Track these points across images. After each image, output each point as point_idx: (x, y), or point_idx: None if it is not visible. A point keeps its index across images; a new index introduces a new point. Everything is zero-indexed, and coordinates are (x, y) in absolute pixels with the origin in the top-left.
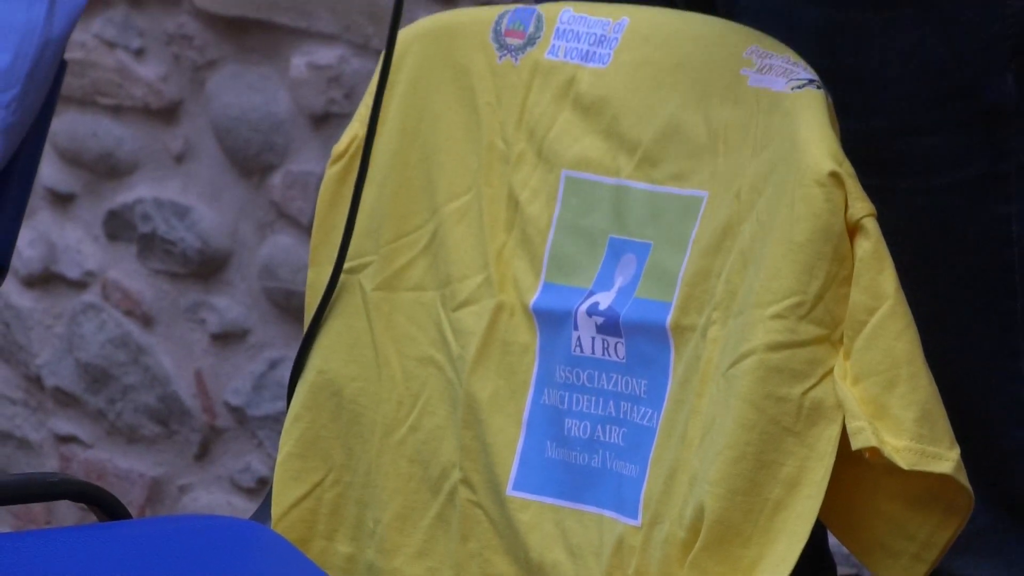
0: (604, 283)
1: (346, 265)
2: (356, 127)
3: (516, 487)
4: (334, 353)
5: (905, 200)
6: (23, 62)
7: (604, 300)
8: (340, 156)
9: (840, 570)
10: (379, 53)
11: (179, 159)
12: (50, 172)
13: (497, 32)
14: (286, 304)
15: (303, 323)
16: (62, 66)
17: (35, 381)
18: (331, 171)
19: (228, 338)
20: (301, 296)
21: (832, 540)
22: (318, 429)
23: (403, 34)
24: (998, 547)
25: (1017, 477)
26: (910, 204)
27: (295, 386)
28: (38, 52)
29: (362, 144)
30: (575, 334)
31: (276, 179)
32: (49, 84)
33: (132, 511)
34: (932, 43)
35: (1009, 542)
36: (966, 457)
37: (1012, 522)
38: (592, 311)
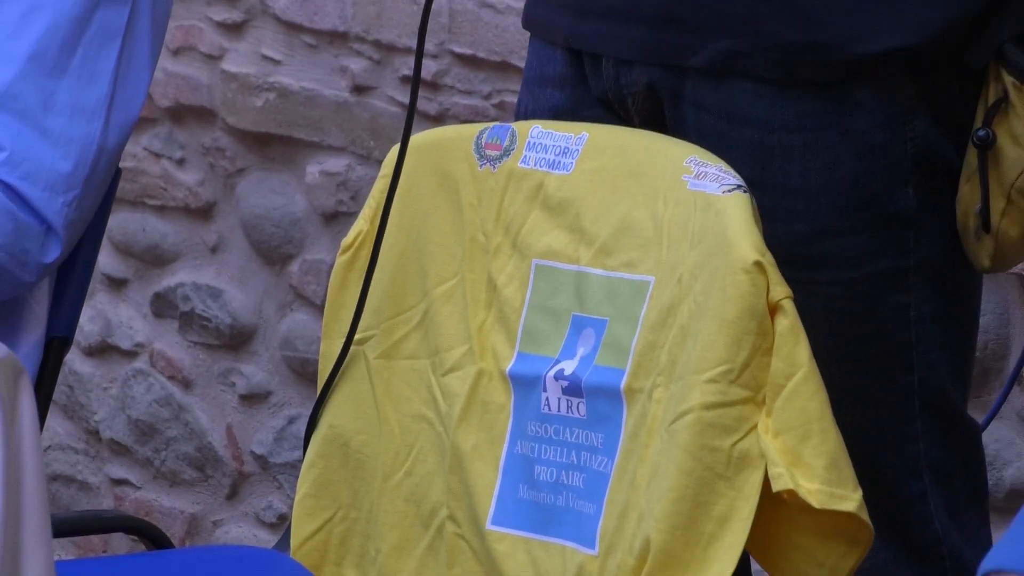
0: (568, 353)
1: (352, 340)
2: (361, 224)
3: (494, 522)
4: (342, 411)
5: (823, 291)
6: (83, 169)
7: (568, 367)
8: (348, 248)
9: None
10: (379, 163)
11: (213, 250)
12: (106, 261)
13: (478, 145)
14: (302, 370)
15: (316, 386)
16: (117, 173)
17: (94, 434)
18: (340, 260)
19: (253, 398)
20: (315, 363)
21: (755, 566)
22: (329, 474)
23: (412, 145)
24: None
25: (913, 520)
26: (827, 294)
27: (310, 438)
28: (95, 160)
29: (366, 238)
30: (544, 395)
31: (294, 267)
32: (105, 187)
33: (174, 542)
34: (846, 161)
35: (904, 574)
36: (870, 502)
37: (909, 558)
38: (558, 376)
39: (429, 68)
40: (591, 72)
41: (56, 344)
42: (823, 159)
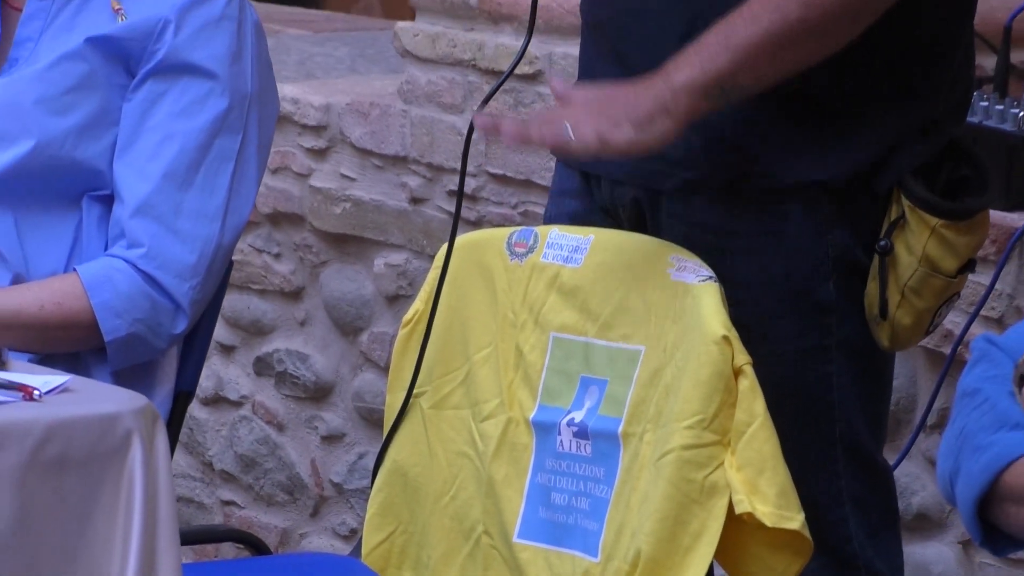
0: (578, 405)
1: (411, 394)
2: (417, 304)
3: (520, 536)
4: (403, 449)
5: (765, 361)
6: (204, 261)
7: (578, 416)
8: (407, 323)
9: None
10: (431, 258)
11: (302, 324)
12: (220, 331)
13: (509, 244)
14: (369, 417)
15: (381, 429)
16: (229, 264)
17: (208, 465)
18: (401, 333)
19: (332, 439)
20: (380, 412)
21: (719, 570)
22: (392, 498)
23: (456, 244)
24: None
25: (837, 539)
26: (767, 365)
27: (378, 470)
28: (214, 254)
29: (421, 316)
30: (559, 438)
31: (364, 337)
32: (221, 275)
33: (270, 550)
34: (780, 261)
35: None
36: (807, 522)
37: (833, 568)
38: (570, 423)
39: (469, 184)
40: (595, 188)
41: (183, 396)
42: (762, 259)
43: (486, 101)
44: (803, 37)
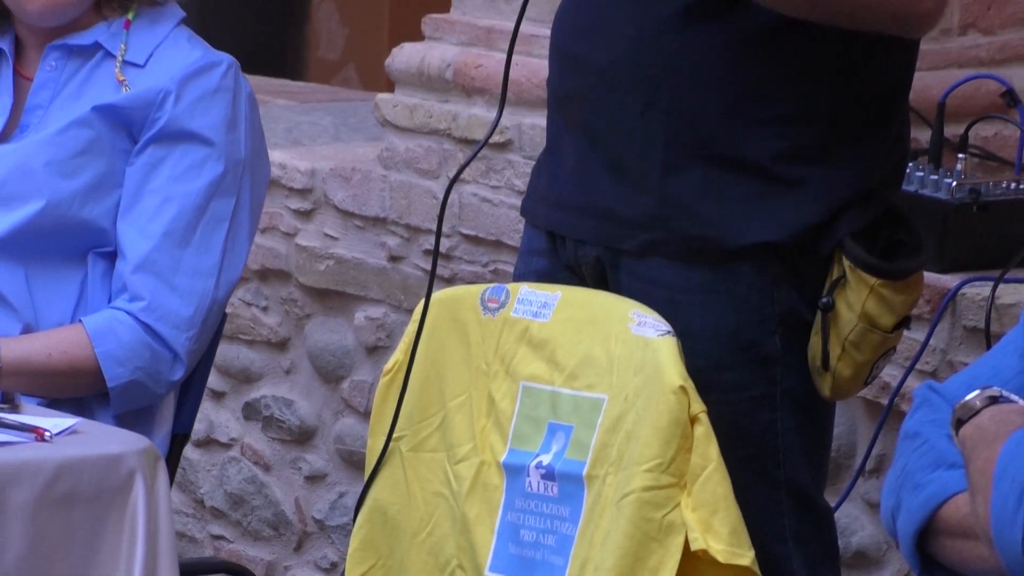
0: (545, 449)
1: (391, 437)
2: (397, 355)
3: (491, 569)
4: (383, 489)
5: (716, 408)
6: (200, 314)
7: (545, 459)
8: (388, 372)
9: None
10: (409, 312)
11: (287, 372)
12: (211, 379)
13: (482, 299)
14: (350, 459)
15: (361, 470)
16: (224, 316)
17: (200, 502)
18: (382, 381)
19: (315, 479)
20: (360, 454)
21: None
22: (373, 534)
23: (432, 299)
24: None
25: (782, 572)
26: (717, 412)
27: (360, 508)
28: (209, 308)
29: (400, 366)
30: (528, 479)
31: (345, 385)
32: (215, 327)
33: None
34: (730, 316)
35: None
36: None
37: None
38: (538, 466)
39: (444, 244)
40: (560, 248)
41: (179, 438)
42: (714, 314)
43: (460, 172)
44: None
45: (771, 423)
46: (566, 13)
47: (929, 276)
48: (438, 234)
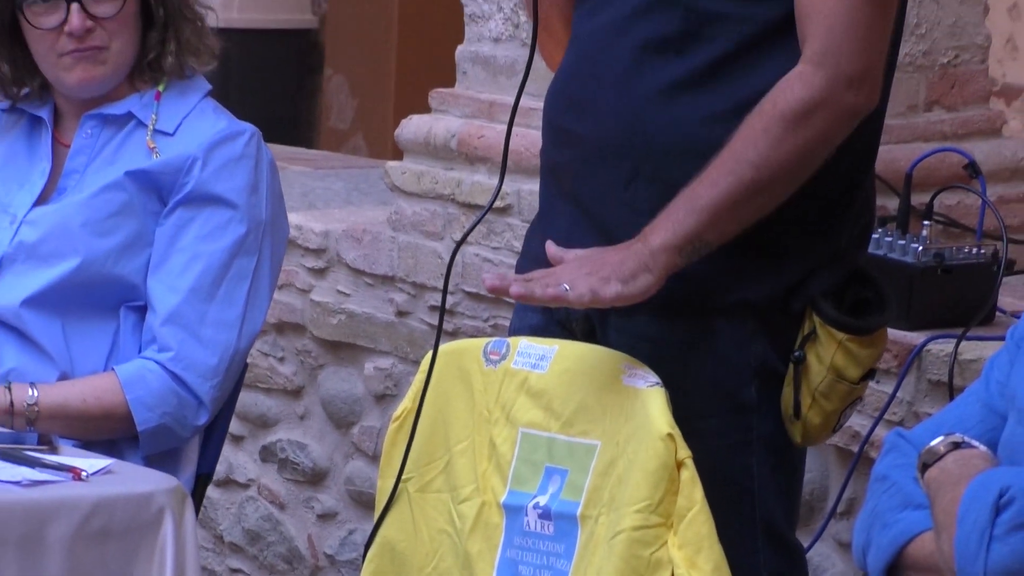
0: (542, 490)
1: (399, 479)
2: (405, 403)
3: None
4: (392, 526)
5: (697, 453)
6: (223, 363)
7: (542, 500)
8: (396, 419)
9: None
10: (415, 363)
11: (302, 418)
12: (232, 424)
13: (485, 352)
14: (359, 499)
15: (371, 509)
16: (244, 366)
17: (220, 538)
18: (392, 427)
19: (327, 517)
20: (368, 495)
21: None
22: (382, 568)
23: (438, 352)
24: None
25: None
26: (700, 456)
27: (370, 543)
28: (232, 358)
29: (409, 413)
30: (526, 518)
31: (355, 430)
32: (237, 375)
33: None
34: (710, 368)
35: None
36: None
37: None
38: (535, 506)
39: (448, 300)
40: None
41: (203, 478)
42: (695, 366)
43: (465, 236)
44: (756, 195)
45: (747, 467)
46: (557, 89)
47: (896, 333)
48: (444, 291)
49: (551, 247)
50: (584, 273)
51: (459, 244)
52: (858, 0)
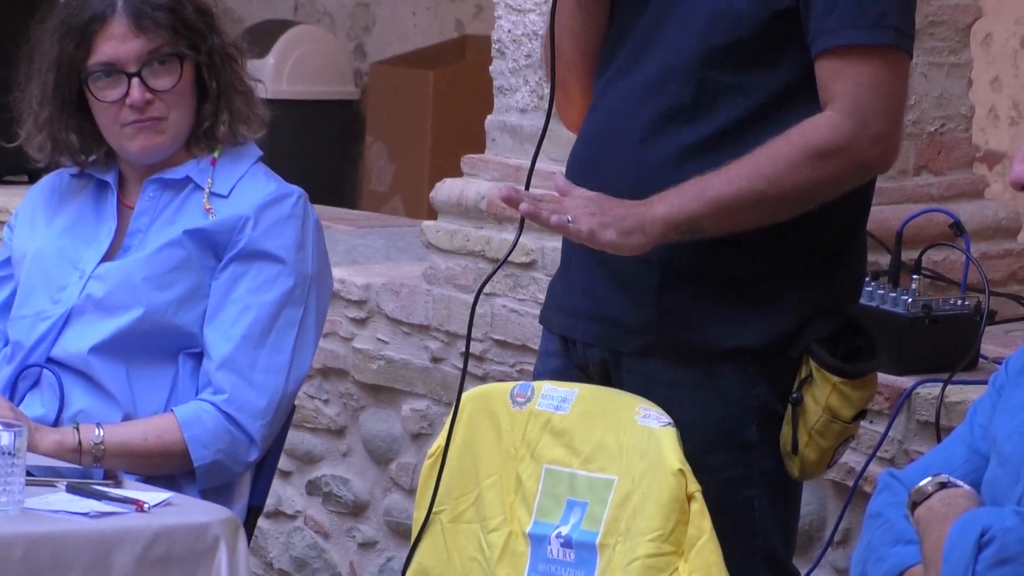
0: (565, 521)
1: (433, 510)
2: (439, 441)
3: None
4: (426, 554)
5: (707, 489)
6: (272, 405)
7: (564, 530)
8: (431, 455)
9: None
10: (448, 405)
11: (344, 455)
12: (280, 460)
13: (512, 394)
14: (397, 529)
15: (408, 538)
16: (292, 407)
17: (269, 565)
18: (426, 463)
19: (367, 545)
20: (405, 525)
21: None
22: None
23: (468, 395)
24: None
25: None
26: (706, 489)
27: (406, 570)
28: (280, 400)
29: (441, 450)
30: (549, 547)
31: (393, 466)
32: (285, 416)
33: None
34: (715, 409)
35: None
36: None
37: None
38: (558, 536)
39: (477, 347)
40: (571, 350)
41: (254, 509)
42: (701, 406)
43: (484, 284)
44: (758, 205)
45: (749, 499)
46: (578, 153)
47: (888, 378)
48: (468, 334)
49: (559, 179)
50: (588, 212)
51: (479, 291)
52: (881, 67)
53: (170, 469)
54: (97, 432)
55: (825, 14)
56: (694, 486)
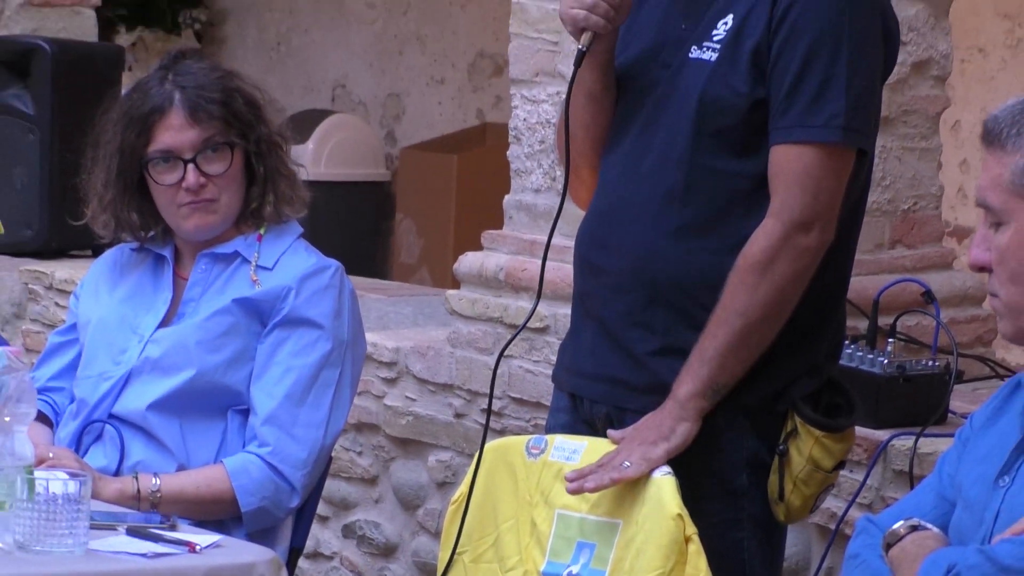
0: (575, 561)
1: (456, 551)
2: (462, 489)
3: None
4: None
5: (701, 531)
6: (312, 457)
7: (575, 569)
8: (454, 502)
9: None
10: (470, 457)
11: (376, 501)
12: (319, 506)
13: (527, 447)
14: (424, 569)
15: None
16: (329, 459)
17: None
18: (450, 509)
19: None
20: (431, 565)
21: None
22: None
23: (488, 447)
24: None
25: None
26: (702, 532)
27: None
28: (319, 452)
29: (464, 497)
30: None
31: (420, 512)
32: (323, 467)
33: None
34: (709, 461)
35: None
36: None
37: None
38: (569, 574)
39: (496, 404)
40: (579, 405)
41: (295, 551)
42: (697, 458)
43: (504, 348)
44: (748, 336)
45: (739, 541)
46: (586, 229)
47: (866, 431)
48: (491, 396)
49: (612, 433)
50: (636, 445)
51: (500, 355)
52: (812, 163)
53: (220, 514)
54: (154, 481)
55: (781, 112)
56: (691, 529)
